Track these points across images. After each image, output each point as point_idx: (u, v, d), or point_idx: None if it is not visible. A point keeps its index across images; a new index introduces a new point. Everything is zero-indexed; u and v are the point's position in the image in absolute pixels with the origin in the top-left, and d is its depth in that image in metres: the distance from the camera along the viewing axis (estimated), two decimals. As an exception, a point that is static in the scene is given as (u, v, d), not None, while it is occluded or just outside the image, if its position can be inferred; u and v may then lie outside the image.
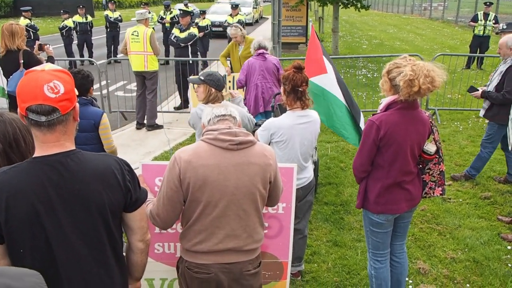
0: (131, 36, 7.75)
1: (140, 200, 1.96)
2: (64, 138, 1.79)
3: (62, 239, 1.79)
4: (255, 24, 28.06)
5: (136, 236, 2.02)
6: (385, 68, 2.94)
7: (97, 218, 1.82)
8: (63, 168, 1.76)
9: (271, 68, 6.19)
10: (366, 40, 20.32)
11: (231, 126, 2.36)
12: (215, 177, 2.27)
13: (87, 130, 3.86)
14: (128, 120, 8.71)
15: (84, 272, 1.85)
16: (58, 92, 1.70)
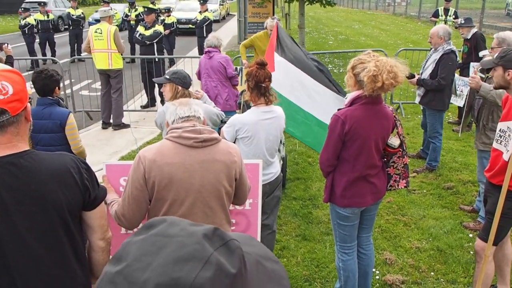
0: (95, 34, 7.59)
1: (99, 198, 1.93)
2: (17, 139, 1.75)
3: (17, 243, 1.74)
4: (222, 21, 27.96)
5: (97, 235, 1.99)
6: (349, 64, 2.98)
7: (54, 218, 1.78)
8: (16, 169, 1.72)
9: (216, 67, 6.15)
10: (332, 36, 20.57)
11: (195, 124, 2.35)
12: (181, 176, 2.26)
13: (53, 131, 3.77)
14: (93, 120, 8.54)
15: (43, 274, 1.81)
16: (7, 93, 1.66)
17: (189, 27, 18.92)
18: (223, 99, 6.16)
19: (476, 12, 21.43)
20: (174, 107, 2.43)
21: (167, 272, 0.66)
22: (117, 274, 0.69)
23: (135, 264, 0.69)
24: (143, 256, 0.69)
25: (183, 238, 0.71)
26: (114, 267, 0.70)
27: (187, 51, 15.07)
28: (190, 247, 0.70)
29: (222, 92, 6.18)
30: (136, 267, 0.68)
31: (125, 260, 0.70)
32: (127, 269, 0.68)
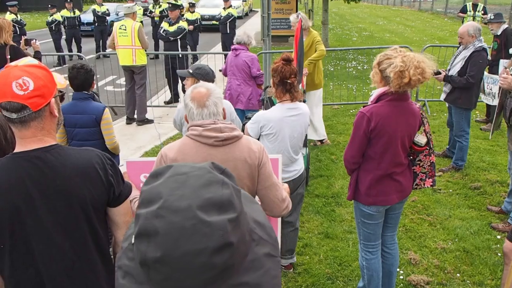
0: (119, 30, 7.67)
1: (124, 194, 1.93)
2: (42, 134, 1.76)
3: (43, 236, 1.77)
4: (245, 17, 27.95)
5: (121, 231, 2.00)
6: (375, 59, 2.93)
7: (78, 213, 1.80)
8: (42, 164, 1.74)
9: (241, 65, 6.11)
10: (356, 32, 20.34)
11: (215, 120, 2.30)
12: None
13: (88, 126, 3.77)
14: (118, 115, 8.64)
15: (67, 268, 1.83)
16: (27, 89, 1.67)
17: (212, 24, 18.99)
18: (246, 98, 6.12)
19: (505, 7, 20.86)
20: (193, 104, 2.33)
21: (200, 195, 0.82)
22: (160, 209, 0.80)
23: (171, 197, 0.81)
24: (173, 191, 0.82)
25: (196, 171, 0.87)
26: (152, 206, 0.81)
27: (210, 47, 15.13)
28: (206, 176, 0.86)
29: (245, 91, 6.14)
30: (173, 199, 0.81)
31: (159, 198, 0.82)
32: (167, 203, 0.81)
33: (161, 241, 0.77)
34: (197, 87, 2.36)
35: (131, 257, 0.87)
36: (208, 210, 0.79)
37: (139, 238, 0.79)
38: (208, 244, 0.78)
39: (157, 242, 0.77)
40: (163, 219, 0.78)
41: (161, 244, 0.77)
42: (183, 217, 0.78)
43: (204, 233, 0.78)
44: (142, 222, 0.79)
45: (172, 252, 0.77)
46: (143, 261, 0.79)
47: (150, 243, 0.78)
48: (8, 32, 5.43)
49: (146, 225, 0.79)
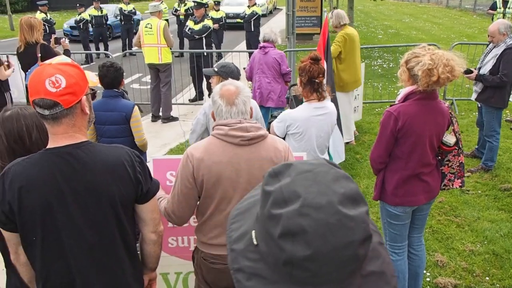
0: (145, 29, 7.76)
1: (152, 191, 1.96)
2: (74, 130, 1.80)
3: (73, 230, 1.81)
4: (269, 15, 27.88)
5: (149, 228, 2.03)
6: (403, 58, 2.88)
7: (107, 209, 1.83)
8: (73, 160, 1.78)
9: (271, 63, 6.05)
10: (382, 30, 20.06)
11: (241, 120, 2.29)
12: (228, 174, 2.25)
13: (118, 123, 3.83)
14: (143, 112, 8.72)
15: (95, 263, 1.87)
16: (59, 87, 1.71)
17: (237, 22, 19.01)
18: (276, 96, 6.09)
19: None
20: (222, 101, 2.31)
21: (335, 191, 0.84)
22: (302, 207, 0.81)
23: (309, 195, 0.82)
24: (308, 188, 0.84)
25: (320, 167, 0.89)
26: (292, 205, 0.82)
27: (235, 46, 15.16)
28: (331, 171, 0.88)
29: (275, 88, 6.10)
30: (312, 196, 0.82)
31: (296, 197, 0.83)
32: (307, 200, 0.81)
33: (309, 238, 0.79)
34: (226, 85, 2.35)
35: (255, 259, 0.87)
36: (346, 204, 0.82)
37: (283, 238, 0.81)
38: (354, 238, 0.81)
39: (305, 240, 0.79)
40: (308, 217, 0.80)
41: (310, 242, 0.79)
42: (327, 213, 0.80)
43: (349, 227, 0.81)
44: (286, 222, 0.81)
45: (321, 249, 0.79)
46: (288, 260, 0.81)
47: (297, 242, 0.80)
48: (39, 31, 5.56)
49: (290, 224, 0.80)
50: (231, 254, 0.92)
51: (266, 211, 0.85)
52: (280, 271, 0.84)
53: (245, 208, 1.00)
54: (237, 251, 0.92)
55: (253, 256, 0.88)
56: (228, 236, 0.96)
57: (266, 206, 0.86)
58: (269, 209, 0.84)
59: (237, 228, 0.96)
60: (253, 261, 0.88)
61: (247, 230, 0.93)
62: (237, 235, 0.94)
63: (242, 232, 0.94)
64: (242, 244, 0.92)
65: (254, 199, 1.00)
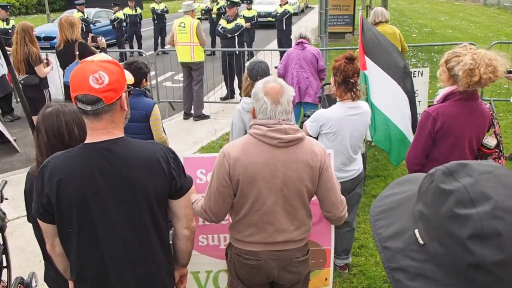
0: (178, 28, 7.85)
1: (185, 187, 1.98)
2: (112, 126, 1.84)
3: (108, 224, 1.84)
4: (301, 14, 27.75)
5: (182, 223, 2.05)
6: (443, 57, 2.82)
7: (142, 204, 1.86)
8: (110, 155, 1.81)
9: (309, 58, 6.08)
10: (416, 29, 19.65)
11: (280, 120, 2.26)
12: (264, 175, 2.24)
13: (138, 121, 3.90)
14: (175, 110, 8.86)
15: (129, 256, 1.90)
16: (103, 83, 1.74)
17: (268, 20, 18.98)
18: (314, 91, 6.08)
19: None
20: (265, 100, 2.27)
21: None
22: (494, 209, 0.79)
23: (500, 197, 0.79)
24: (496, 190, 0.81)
25: (499, 170, 0.85)
26: (481, 207, 0.79)
27: (266, 44, 15.16)
28: (511, 174, 0.84)
29: (313, 84, 6.11)
30: (503, 198, 0.79)
31: (485, 199, 0.80)
32: (498, 203, 0.79)
33: (503, 242, 0.76)
34: (270, 82, 2.32)
35: (421, 259, 0.85)
36: None
37: (472, 240, 0.78)
38: None
39: (498, 244, 0.76)
40: (502, 220, 0.77)
41: (504, 246, 0.76)
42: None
43: None
44: (478, 223, 0.78)
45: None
46: (474, 263, 0.78)
47: (488, 245, 0.77)
48: (78, 29, 5.71)
49: (484, 226, 0.78)
50: (385, 252, 0.90)
51: (445, 210, 0.82)
52: (457, 274, 0.81)
53: (392, 205, 0.97)
54: (394, 250, 0.89)
55: (418, 256, 0.85)
56: (376, 233, 0.94)
57: (444, 205, 0.82)
58: (451, 208, 0.81)
59: (386, 225, 0.94)
60: (419, 261, 0.85)
61: (404, 228, 0.90)
62: (389, 233, 0.92)
63: (396, 230, 0.91)
64: (399, 242, 0.89)
65: (402, 196, 0.98)
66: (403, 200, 0.96)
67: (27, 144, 7.09)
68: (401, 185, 1.02)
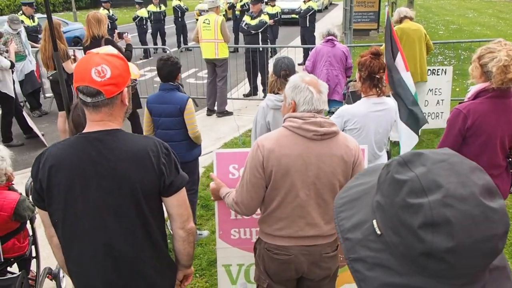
0: (203, 24, 7.88)
1: (176, 185, 1.92)
2: (109, 119, 1.85)
3: (91, 215, 1.83)
4: (324, 10, 27.54)
5: (176, 223, 2.01)
6: (475, 53, 2.74)
7: (127, 197, 1.84)
8: (101, 145, 1.82)
9: (339, 56, 6.05)
10: (443, 26, 19.27)
11: (315, 114, 2.27)
12: (298, 167, 2.23)
13: (173, 115, 3.91)
14: (199, 106, 8.88)
15: (112, 249, 1.87)
16: (104, 77, 1.75)
17: (291, 17, 18.93)
18: (342, 89, 6.04)
19: None
20: (312, 90, 2.27)
21: (474, 182, 0.81)
22: (445, 197, 0.79)
23: (451, 185, 0.80)
24: (448, 178, 0.81)
25: (453, 158, 0.85)
26: (432, 195, 0.80)
27: (289, 41, 15.10)
28: (466, 162, 0.85)
29: (341, 81, 6.08)
30: (453, 186, 0.80)
31: (436, 187, 0.81)
32: (450, 191, 0.80)
33: (453, 230, 0.78)
34: (306, 75, 2.37)
35: (379, 249, 0.86)
36: (486, 197, 0.80)
37: (423, 229, 0.79)
38: (498, 231, 0.79)
39: (448, 232, 0.78)
40: (452, 208, 0.78)
41: (454, 234, 0.77)
42: (471, 205, 0.79)
43: (493, 219, 0.79)
44: (429, 212, 0.79)
45: (464, 241, 0.77)
46: (426, 251, 0.79)
47: (438, 233, 0.78)
48: (105, 26, 5.79)
49: (434, 214, 0.79)
50: (346, 244, 0.91)
51: (399, 200, 0.83)
52: (411, 262, 0.82)
53: (354, 196, 0.98)
54: (353, 240, 0.90)
55: (376, 246, 0.86)
56: (338, 225, 0.95)
57: (398, 195, 0.83)
58: (404, 198, 0.82)
59: (347, 216, 0.94)
60: (376, 251, 0.86)
61: (364, 219, 0.91)
62: (350, 224, 0.93)
63: (357, 221, 0.92)
64: (359, 233, 0.90)
65: (364, 187, 0.98)
66: (365, 191, 0.97)
67: (54, 139, 7.23)
68: (365, 176, 1.02)
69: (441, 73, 6.67)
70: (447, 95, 6.79)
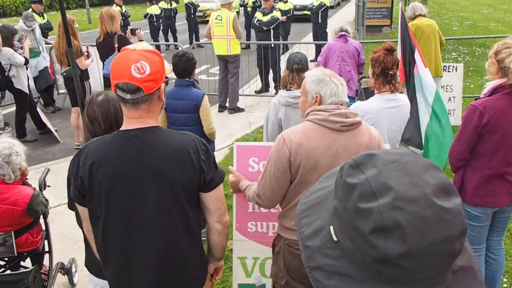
0: (215, 21, 7.87)
1: (215, 181, 1.95)
2: (147, 115, 1.84)
3: (134, 212, 1.85)
4: (337, 7, 27.35)
5: (213, 217, 2.03)
6: (492, 49, 2.70)
7: (169, 194, 1.85)
8: (140, 143, 1.82)
9: (352, 51, 6.04)
10: (457, 22, 19.03)
11: (338, 106, 2.30)
12: (326, 160, 2.23)
13: (188, 111, 3.90)
14: (210, 103, 8.89)
15: (153, 246, 1.89)
16: (144, 73, 1.74)
17: (303, 14, 18.83)
18: (354, 85, 6.03)
19: None
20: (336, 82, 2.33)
21: (427, 182, 0.77)
22: (395, 200, 0.76)
23: (401, 187, 0.77)
24: (398, 180, 0.78)
25: (406, 157, 0.82)
26: (383, 198, 0.77)
27: (301, 38, 15.02)
28: (419, 161, 0.82)
29: (354, 77, 6.08)
30: (404, 188, 0.77)
31: (386, 190, 0.77)
32: (399, 193, 0.76)
33: (405, 234, 0.74)
34: (324, 69, 2.40)
35: (336, 256, 0.83)
36: (440, 196, 0.76)
37: (374, 234, 0.76)
38: (453, 232, 0.76)
39: (400, 236, 0.74)
40: (403, 211, 0.75)
41: (406, 238, 0.74)
42: (422, 206, 0.75)
43: (447, 220, 0.75)
44: (378, 216, 0.76)
45: (418, 245, 0.74)
46: (379, 257, 0.76)
47: (390, 238, 0.75)
48: (118, 22, 5.82)
49: (384, 219, 0.75)
50: (306, 252, 0.88)
51: (351, 205, 0.80)
52: (367, 269, 0.79)
53: (315, 201, 0.95)
54: (313, 248, 0.87)
55: (334, 253, 0.83)
56: (299, 232, 0.92)
57: (350, 200, 0.80)
58: (355, 203, 0.79)
59: (308, 223, 0.92)
60: (334, 258, 0.83)
61: (322, 225, 0.88)
62: (310, 231, 0.90)
63: (316, 228, 0.89)
64: (318, 240, 0.87)
65: (325, 191, 0.95)
66: (326, 195, 0.93)
67: (68, 135, 7.30)
68: (328, 179, 0.98)
69: (452, 70, 6.62)
70: (458, 92, 6.74)
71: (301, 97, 2.49)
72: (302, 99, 2.47)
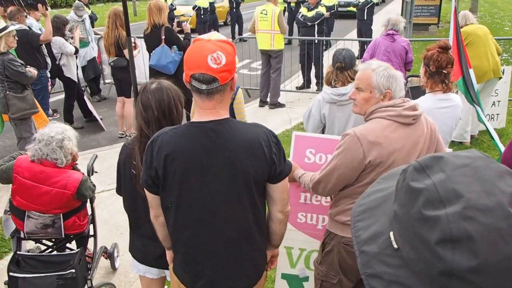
0: (260, 15, 7.85)
1: (284, 173, 1.96)
2: (220, 106, 1.86)
3: (206, 202, 1.88)
4: (381, 4, 26.77)
5: (277, 207, 2.04)
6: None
7: (241, 185, 1.87)
8: (215, 135, 1.83)
9: (399, 50, 5.84)
10: (509, 21, 18.22)
11: (404, 99, 2.28)
12: (403, 156, 2.21)
13: None
14: (251, 97, 8.93)
15: (223, 234, 1.92)
16: (220, 63, 1.75)
17: (347, 10, 18.56)
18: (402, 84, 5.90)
19: None
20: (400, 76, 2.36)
21: (502, 190, 0.71)
22: (465, 209, 0.71)
23: (473, 195, 0.71)
24: (470, 187, 0.72)
25: (478, 161, 0.76)
26: (451, 207, 0.72)
27: (344, 34, 14.79)
28: (493, 166, 0.76)
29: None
30: (476, 196, 0.71)
31: (456, 197, 0.72)
32: (471, 201, 0.71)
33: (476, 246, 0.69)
34: (381, 62, 2.40)
35: (396, 264, 0.78)
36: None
37: (441, 245, 0.71)
38: None
39: (470, 249, 0.69)
40: (474, 221, 0.69)
41: (477, 250, 0.69)
42: (497, 217, 0.69)
43: None
44: (446, 226, 0.70)
45: (490, 259, 0.68)
46: (446, 270, 0.71)
47: (459, 250, 0.69)
48: (166, 14, 5.90)
49: (453, 229, 0.70)
50: (362, 257, 0.83)
51: (415, 211, 0.74)
52: (431, 281, 0.73)
53: (372, 204, 0.90)
54: (370, 254, 0.82)
55: (393, 261, 0.78)
56: (355, 235, 0.87)
57: (414, 206, 0.74)
58: (420, 210, 0.73)
59: (365, 226, 0.87)
60: (393, 267, 0.78)
61: (381, 230, 0.83)
62: (367, 235, 0.85)
63: (374, 232, 0.84)
64: (375, 246, 0.82)
65: (383, 194, 0.89)
66: (384, 198, 0.87)
67: (112, 124, 7.50)
68: (386, 180, 0.92)
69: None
70: (504, 96, 6.48)
71: (360, 94, 2.40)
72: (363, 96, 2.37)
